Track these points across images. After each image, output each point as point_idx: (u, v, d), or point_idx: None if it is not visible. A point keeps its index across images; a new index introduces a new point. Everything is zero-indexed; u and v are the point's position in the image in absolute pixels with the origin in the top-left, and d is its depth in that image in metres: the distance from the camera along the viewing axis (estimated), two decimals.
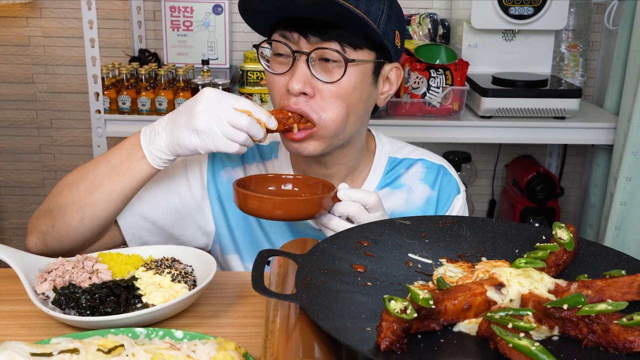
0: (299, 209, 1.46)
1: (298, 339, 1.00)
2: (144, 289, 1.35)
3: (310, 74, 1.54)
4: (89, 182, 1.55)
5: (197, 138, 1.45)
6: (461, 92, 3.10)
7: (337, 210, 1.50)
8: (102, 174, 1.55)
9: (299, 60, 1.54)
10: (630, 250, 3.05)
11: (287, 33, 1.54)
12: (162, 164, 1.53)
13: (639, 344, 0.96)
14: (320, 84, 1.55)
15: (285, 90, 1.57)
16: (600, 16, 3.67)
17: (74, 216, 1.55)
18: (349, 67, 1.53)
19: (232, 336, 1.26)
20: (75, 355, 1.07)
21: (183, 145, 1.47)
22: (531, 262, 1.19)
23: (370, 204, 1.50)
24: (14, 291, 1.43)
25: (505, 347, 0.93)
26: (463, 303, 1.06)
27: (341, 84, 1.55)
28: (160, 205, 1.70)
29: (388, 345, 0.94)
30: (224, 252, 1.77)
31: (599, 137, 3.26)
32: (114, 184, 1.54)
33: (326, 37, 1.52)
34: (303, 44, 1.53)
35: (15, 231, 3.98)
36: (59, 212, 1.57)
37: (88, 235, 1.59)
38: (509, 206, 3.80)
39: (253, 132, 1.47)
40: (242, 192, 1.47)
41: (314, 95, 1.55)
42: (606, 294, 1.12)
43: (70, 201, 1.56)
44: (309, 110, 1.56)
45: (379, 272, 1.22)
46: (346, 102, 1.57)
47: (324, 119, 1.56)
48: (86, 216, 1.55)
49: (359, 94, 1.59)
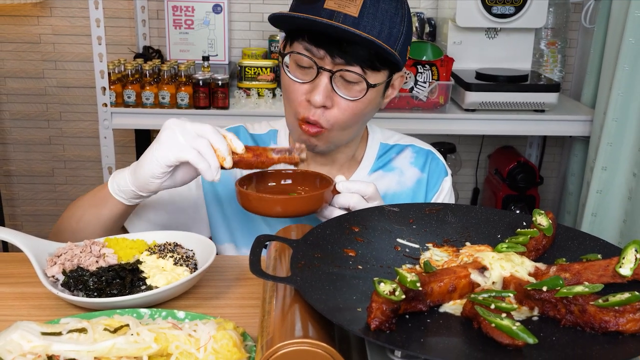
0: (302, 206, 1.45)
1: (293, 319, 1.00)
2: (148, 272, 1.35)
3: (331, 89, 1.55)
4: (77, 213, 1.58)
5: (153, 153, 1.40)
6: (447, 87, 3.10)
7: (337, 202, 1.50)
8: (85, 205, 1.57)
9: (322, 74, 1.54)
10: (605, 236, 3.06)
11: (314, 48, 1.53)
12: (135, 201, 1.51)
13: (614, 323, 0.96)
14: (338, 98, 1.56)
15: (304, 99, 1.57)
16: (577, 15, 3.67)
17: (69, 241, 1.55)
18: (369, 90, 1.55)
19: (231, 316, 1.26)
20: (83, 335, 1.07)
21: (147, 168, 1.41)
22: (512, 246, 1.19)
23: (368, 194, 1.50)
24: (25, 274, 1.43)
25: (488, 327, 0.93)
26: (448, 285, 1.06)
27: (359, 102, 1.56)
28: (165, 210, 1.71)
29: (378, 325, 0.93)
30: (217, 242, 1.77)
31: (576, 129, 3.27)
32: (92, 216, 1.55)
33: (350, 60, 1.51)
34: (327, 61, 1.53)
35: (26, 217, 3.98)
36: (62, 237, 1.58)
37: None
38: (492, 194, 3.80)
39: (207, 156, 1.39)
40: (245, 192, 1.46)
41: (332, 107, 1.56)
42: (583, 277, 1.12)
43: (64, 230, 1.59)
44: (324, 121, 1.57)
45: (369, 256, 1.22)
46: (360, 115, 1.60)
47: (336, 128, 1.59)
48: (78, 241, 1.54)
49: (371, 107, 1.62)
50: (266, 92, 3.19)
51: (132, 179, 1.46)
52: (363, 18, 1.48)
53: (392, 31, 1.52)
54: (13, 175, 3.90)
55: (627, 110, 3.00)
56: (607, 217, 3.16)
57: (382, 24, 1.50)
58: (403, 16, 1.55)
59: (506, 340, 0.91)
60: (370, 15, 1.49)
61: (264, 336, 1.00)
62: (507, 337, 0.91)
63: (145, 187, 1.45)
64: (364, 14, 1.49)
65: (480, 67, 3.35)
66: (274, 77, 3.19)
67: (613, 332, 0.96)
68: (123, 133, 3.77)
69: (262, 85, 3.21)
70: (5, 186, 3.89)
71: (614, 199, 3.12)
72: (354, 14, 1.48)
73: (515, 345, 0.90)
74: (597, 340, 0.95)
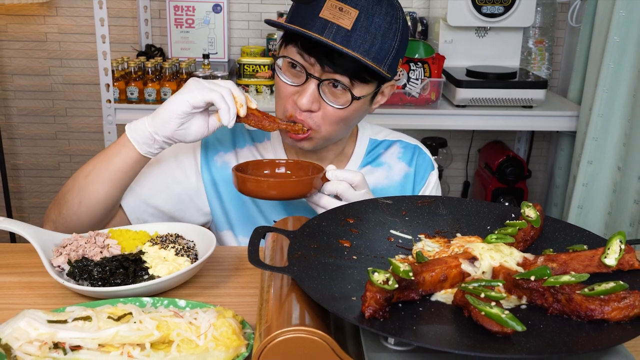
0: (291, 189, 1.49)
1: (290, 308, 1.00)
2: (150, 262, 1.35)
3: (318, 95, 1.55)
4: (86, 169, 1.56)
5: (179, 95, 1.47)
6: (438, 84, 3.09)
7: (326, 189, 1.52)
8: (96, 160, 1.56)
9: (310, 81, 1.55)
10: (591, 227, 3.07)
11: (305, 55, 1.53)
12: (148, 150, 1.52)
13: (600, 312, 0.96)
14: (324, 104, 1.56)
15: (292, 100, 1.58)
16: (564, 14, 3.67)
17: (73, 200, 1.55)
18: (353, 101, 1.56)
19: (230, 305, 1.26)
20: (87, 322, 1.07)
21: (171, 106, 1.47)
22: (501, 237, 1.19)
23: (356, 183, 1.51)
24: (32, 264, 1.42)
25: (478, 315, 0.93)
26: (440, 275, 1.06)
27: (344, 110, 1.57)
28: (160, 191, 1.69)
29: (372, 313, 0.93)
30: (218, 229, 1.77)
31: (563, 124, 3.27)
32: (103, 167, 1.54)
33: (339, 70, 1.52)
34: (317, 69, 1.53)
35: (33, 210, 3.97)
36: (63, 199, 1.57)
37: (88, 220, 1.57)
38: (482, 187, 3.80)
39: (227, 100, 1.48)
40: (241, 176, 1.49)
41: (318, 110, 1.57)
42: (569, 267, 1.12)
43: (71, 187, 1.57)
44: (311, 122, 1.58)
45: (364, 246, 1.22)
46: (346, 121, 1.61)
47: (322, 130, 1.60)
48: (83, 199, 1.54)
49: (358, 113, 1.63)
50: (264, 89, 3.20)
51: (151, 120, 1.49)
52: (355, 31, 1.49)
53: (384, 46, 1.52)
54: (20, 168, 3.89)
55: (612, 106, 3.00)
56: (592, 209, 3.16)
57: (375, 38, 1.50)
58: (397, 30, 1.54)
59: (495, 328, 0.91)
60: (363, 29, 1.49)
61: (262, 324, 1.00)
62: (496, 324, 0.91)
63: (163, 127, 1.48)
64: (356, 28, 1.49)
65: (471, 64, 3.35)
66: (271, 74, 3.19)
67: (598, 320, 0.96)
68: None
69: (260, 82, 3.22)
70: (13, 179, 3.88)
71: (599, 191, 3.13)
72: (347, 26, 1.48)
73: (504, 333, 0.90)
74: (583, 327, 0.95)
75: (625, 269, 1.13)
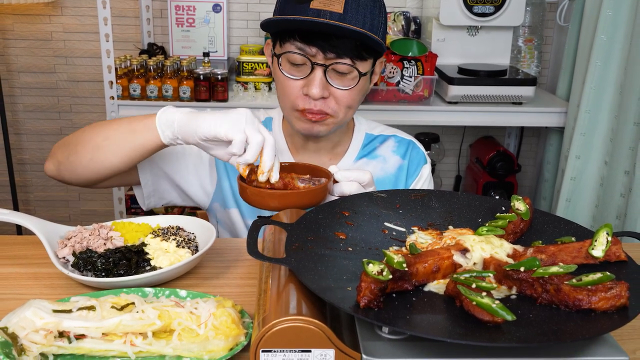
0: (304, 200, 1.40)
1: (287, 298, 1.00)
2: (152, 254, 1.35)
3: (326, 81, 1.57)
4: (108, 132, 1.53)
5: (222, 116, 1.40)
6: (431, 81, 3.09)
7: (337, 190, 1.49)
8: (119, 127, 1.52)
9: (316, 69, 1.56)
10: (579, 220, 3.06)
11: (306, 47, 1.55)
12: (170, 142, 1.48)
13: (587, 302, 0.96)
14: (333, 89, 1.59)
15: (301, 93, 1.60)
16: (553, 14, 3.67)
17: (85, 154, 1.54)
18: (361, 78, 1.59)
19: (230, 295, 1.26)
20: (92, 312, 1.07)
21: (199, 124, 1.41)
22: (492, 230, 1.19)
23: (366, 182, 1.51)
24: (38, 256, 1.42)
25: (470, 305, 0.93)
26: (432, 266, 1.06)
27: (352, 90, 1.60)
28: (173, 161, 1.71)
29: (366, 303, 0.93)
30: (225, 206, 1.78)
31: (552, 120, 3.27)
32: (123, 139, 1.51)
33: (341, 53, 1.54)
34: (320, 56, 1.55)
35: (39, 203, 3.96)
36: (74, 147, 1.56)
37: (92, 177, 1.57)
38: (473, 181, 3.80)
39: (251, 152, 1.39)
40: (246, 187, 1.41)
41: (329, 97, 1.60)
42: (558, 258, 1.12)
43: (87, 140, 1.54)
44: (327, 109, 1.61)
45: (359, 238, 1.22)
46: (356, 101, 1.64)
47: (340, 114, 1.63)
48: (95, 158, 1.53)
49: (362, 92, 1.66)
50: (262, 86, 3.20)
51: (181, 118, 1.45)
52: (348, 13, 1.51)
53: (374, 22, 1.55)
54: (26, 163, 3.88)
55: (599, 102, 3.00)
56: (580, 202, 3.16)
57: (365, 16, 1.53)
58: (380, 7, 1.59)
59: (486, 317, 0.91)
60: (354, 10, 1.52)
61: (260, 313, 1.00)
62: (487, 314, 0.91)
63: (187, 134, 1.44)
64: (347, 10, 1.51)
65: (462, 62, 3.35)
66: (269, 72, 3.19)
67: (586, 309, 0.96)
68: None
69: (259, 80, 3.22)
70: (19, 174, 3.87)
71: (587, 185, 3.13)
72: (339, 10, 1.51)
73: (495, 322, 0.90)
74: (571, 317, 0.96)
75: (612, 260, 1.13)
